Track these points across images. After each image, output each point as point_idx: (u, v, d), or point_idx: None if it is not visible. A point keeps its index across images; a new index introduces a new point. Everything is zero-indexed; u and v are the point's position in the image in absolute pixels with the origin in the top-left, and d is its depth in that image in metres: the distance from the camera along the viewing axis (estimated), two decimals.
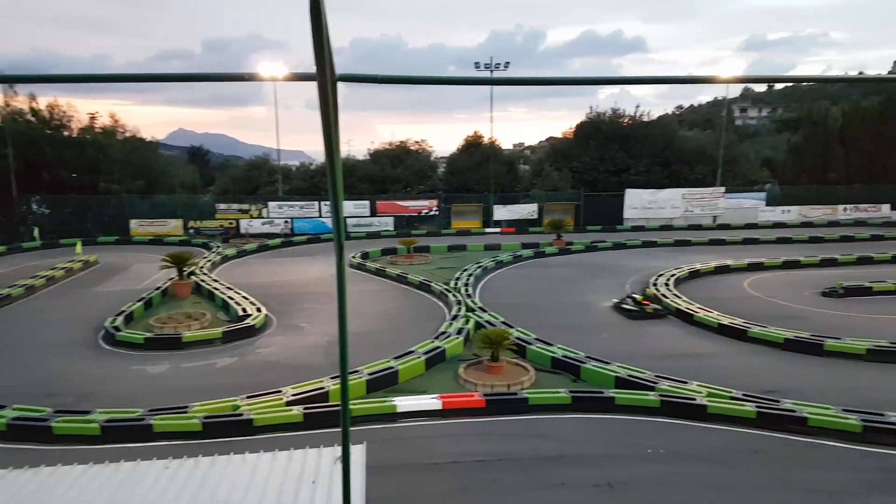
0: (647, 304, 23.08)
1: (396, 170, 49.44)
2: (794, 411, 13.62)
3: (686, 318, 22.03)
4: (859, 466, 11.98)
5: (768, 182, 51.97)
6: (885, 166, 49.02)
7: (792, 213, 47.29)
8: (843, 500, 10.87)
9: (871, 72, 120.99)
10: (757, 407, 13.84)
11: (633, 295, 23.88)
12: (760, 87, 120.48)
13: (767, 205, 47.55)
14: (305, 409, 13.91)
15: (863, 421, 13.05)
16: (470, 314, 21.48)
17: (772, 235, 40.94)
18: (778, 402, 14.21)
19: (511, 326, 19.83)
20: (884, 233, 41.48)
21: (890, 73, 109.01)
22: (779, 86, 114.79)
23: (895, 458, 12.26)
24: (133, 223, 43.12)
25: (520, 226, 45.54)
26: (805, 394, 15.10)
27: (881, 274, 28.36)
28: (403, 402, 14.46)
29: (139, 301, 23.75)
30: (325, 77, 1.51)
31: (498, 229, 45.25)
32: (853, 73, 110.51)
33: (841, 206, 47.78)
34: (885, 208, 47.83)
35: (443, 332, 19.44)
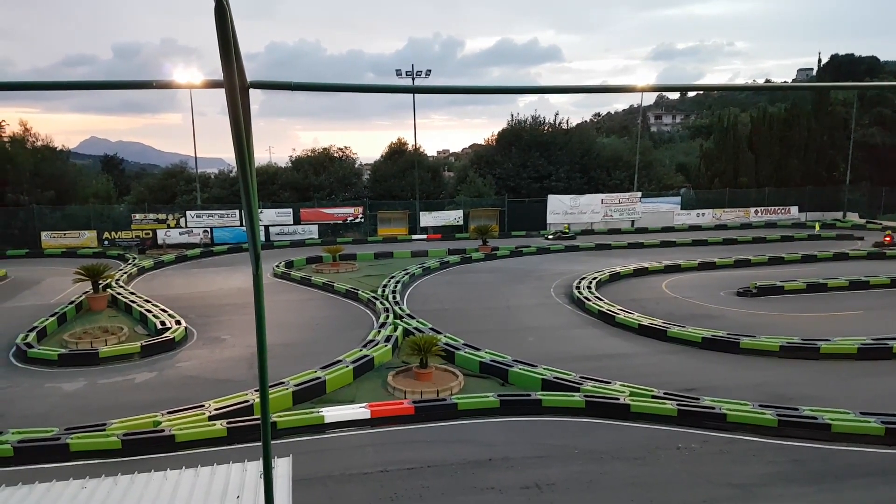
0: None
1: (320, 177, 48.73)
2: (713, 408, 14.12)
3: (608, 319, 22.59)
4: (774, 459, 12.53)
5: (683, 186, 53.97)
6: (792, 170, 51.74)
7: (706, 216, 49.27)
8: (758, 492, 11.37)
9: (776, 80, 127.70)
10: (678, 405, 14.29)
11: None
12: (673, 95, 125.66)
13: (682, 208, 49.40)
14: (229, 423, 13.52)
15: (778, 415, 13.62)
16: (398, 321, 21.39)
17: (687, 238, 42.39)
18: (698, 399, 14.73)
19: (439, 332, 19.84)
20: (793, 234, 43.66)
21: (794, 80, 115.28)
22: (691, 94, 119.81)
23: (807, 450, 12.83)
24: (44, 235, 41.07)
25: (446, 232, 45.69)
26: (723, 391, 15.70)
27: (792, 273, 29.79)
28: (331, 413, 14.25)
29: (52, 316, 22.59)
30: (234, 84, 1.46)
31: (424, 236, 45.24)
32: (759, 81, 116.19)
33: (752, 209, 50.05)
34: (794, 210, 50.41)
35: (371, 341, 19.28)
